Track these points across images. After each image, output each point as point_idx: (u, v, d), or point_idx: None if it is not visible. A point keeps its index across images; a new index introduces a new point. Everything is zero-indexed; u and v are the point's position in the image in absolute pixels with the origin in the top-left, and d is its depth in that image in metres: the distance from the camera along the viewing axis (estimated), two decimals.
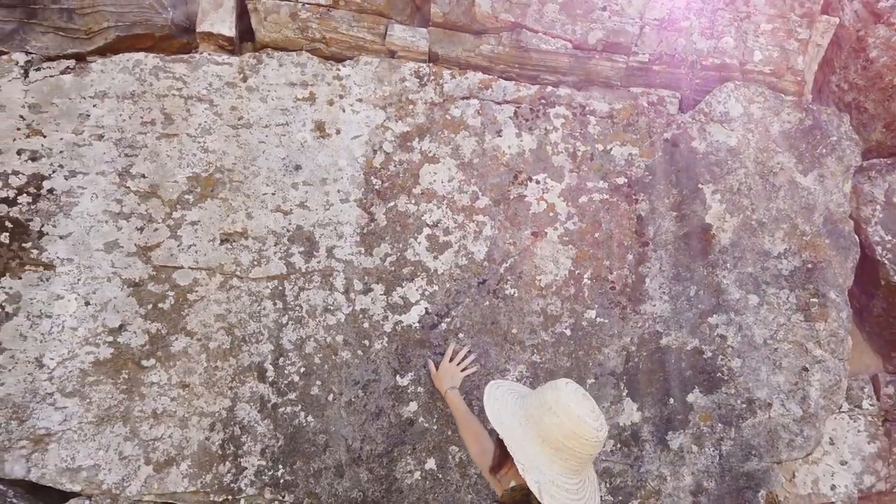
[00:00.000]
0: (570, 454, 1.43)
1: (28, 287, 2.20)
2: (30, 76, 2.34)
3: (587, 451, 1.44)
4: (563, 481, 1.43)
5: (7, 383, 2.13)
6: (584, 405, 1.46)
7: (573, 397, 1.47)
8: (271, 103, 2.39)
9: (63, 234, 2.23)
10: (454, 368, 2.15)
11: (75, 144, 2.30)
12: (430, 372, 2.20)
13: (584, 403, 1.47)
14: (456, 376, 2.14)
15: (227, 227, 2.29)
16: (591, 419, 1.44)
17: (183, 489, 2.13)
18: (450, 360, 2.18)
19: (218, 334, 2.23)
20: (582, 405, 1.46)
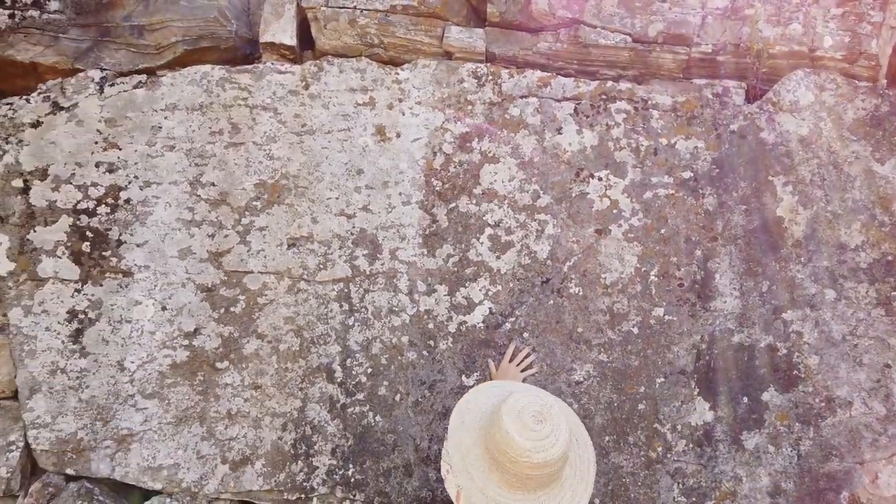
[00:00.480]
0: (506, 469, 1.37)
1: (109, 293, 2.30)
2: (105, 92, 2.45)
3: (521, 471, 1.36)
4: (497, 493, 1.38)
5: (91, 386, 2.24)
6: (518, 421, 1.36)
7: (510, 412, 1.38)
8: (333, 109, 2.43)
9: (140, 242, 2.33)
10: (514, 369, 2.12)
11: (149, 156, 2.39)
12: (490, 372, 2.19)
13: (521, 419, 1.37)
14: (516, 377, 2.10)
15: (293, 232, 2.34)
16: (522, 440, 1.34)
17: (258, 487, 2.18)
18: (510, 360, 2.15)
19: (287, 336, 2.28)
20: (516, 421, 1.36)
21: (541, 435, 1.35)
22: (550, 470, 1.37)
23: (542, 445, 1.34)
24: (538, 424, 1.36)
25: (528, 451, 1.33)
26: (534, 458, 1.34)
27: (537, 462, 1.34)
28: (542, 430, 1.35)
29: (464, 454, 1.44)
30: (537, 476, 1.37)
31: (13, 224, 2.33)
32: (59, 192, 2.35)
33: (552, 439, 1.35)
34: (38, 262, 2.30)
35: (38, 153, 2.38)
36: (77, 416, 2.22)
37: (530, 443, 1.34)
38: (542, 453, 1.34)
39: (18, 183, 2.36)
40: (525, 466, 1.35)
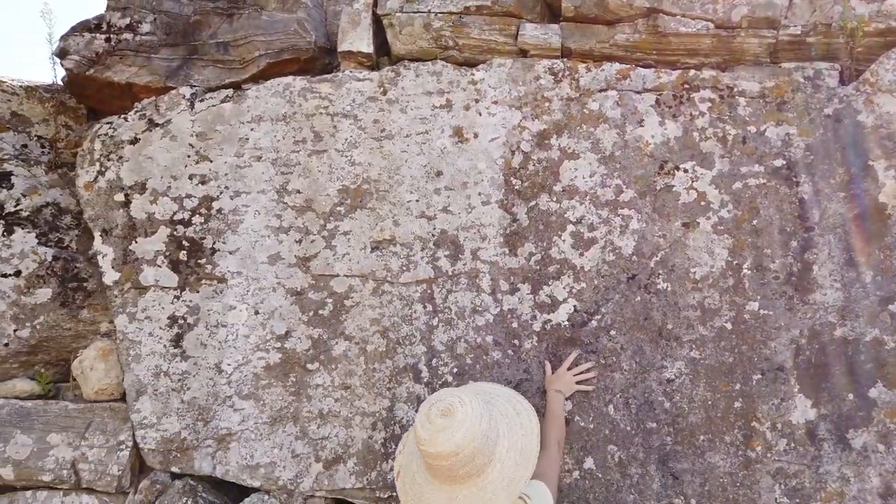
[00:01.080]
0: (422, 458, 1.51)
1: (205, 299, 2.41)
2: (195, 107, 2.57)
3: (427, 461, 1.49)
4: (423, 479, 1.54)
5: (192, 388, 2.35)
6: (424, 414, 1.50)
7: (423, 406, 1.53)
8: (411, 113, 2.46)
9: (232, 249, 2.43)
10: (568, 376, 2.13)
11: (237, 167, 2.49)
12: (546, 373, 2.18)
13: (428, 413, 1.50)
14: (569, 385, 2.12)
15: (376, 235, 2.39)
16: (422, 430, 1.48)
17: (351, 486, 2.24)
18: (567, 367, 2.15)
19: (374, 337, 2.32)
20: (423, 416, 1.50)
21: (437, 428, 1.46)
22: (449, 462, 1.46)
23: (437, 439, 1.45)
24: (440, 418, 1.47)
25: (425, 440, 1.46)
26: (428, 448, 1.45)
27: (432, 452, 1.45)
28: (440, 423, 1.46)
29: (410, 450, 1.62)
30: (441, 467, 1.47)
31: (117, 236, 2.48)
32: (156, 204, 2.48)
33: (447, 433, 1.44)
34: (140, 271, 2.44)
35: (136, 168, 2.52)
36: (180, 416, 2.33)
37: (426, 434, 1.46)
38: (435, 446, 1.44)
39: (120, 197, 2.50)
40: (426, 456, 1.48)
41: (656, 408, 2.15)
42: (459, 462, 1.47)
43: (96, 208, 2.51)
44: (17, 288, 2.52)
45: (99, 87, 2.71)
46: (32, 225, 2.61)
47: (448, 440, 1.45)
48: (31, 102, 2.84)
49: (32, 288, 2.52)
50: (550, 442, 1.89)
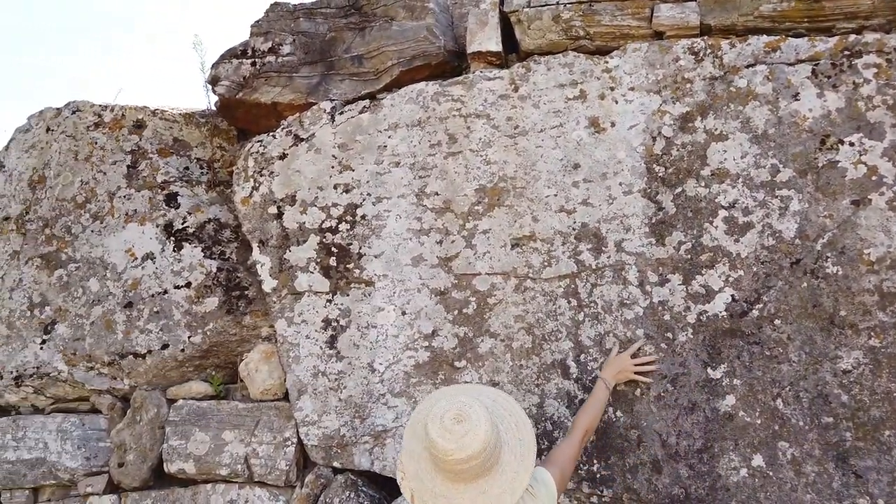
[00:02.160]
0: (443, 468, 1.54)
1: (355, 302, 2.52)
2: (336, 120, 2.70)
3: (451, 467, 1.52)
4: (443, 489, 1.56)
5: (348, 387, 2.46)
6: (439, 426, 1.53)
7: (432, 419, 1.55)
8: (544, 108, 2.44)
9: (377, 253, 2.52)
10: (629, 363, 2.12)
11: (378, 173, 2.59)
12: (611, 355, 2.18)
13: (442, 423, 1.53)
14: (626, 372, 2.11)
15: (515, 233, 2.39)
16: (442, 440, 1.51)
17: None
18: (631, 355, 2.15)
19: (519, 334, 2.33)
20: (437, 426, 1.53)
21: (459, 434, 1.51)
22: (479, 461, 1.52)
23: (463, 443, 1.50)
24: (458, 425, 1.53)
25: (452, 450, 1.50)
26: (457, 455, 1.50)
27: (462, 458, 1.50)
28: (460, 429, 1.52)
29: (416, 461, 1.62)
30: (469, 468, 1.52)
31: (272, 246, 2.65)
32: (306, 214, 2.63)
33: (471, 436, 1.51)
34: (294, 277, 2.59)
35: (286, 182, 2.68)
36: (338, 414, 2.45)
37: (452, 443, 1.50)
38: (464, 450, 1.50)
39: (273, 210, 2.68)
40: (453, 464, 1.51)
41: (832, 401, 1.99)
42: (485, 456, 1.54)
43: (253, 221, 2.70)
44: (189, 298, 2.76)
45: (247, 109, 2.91)
46: (198, 240, 2.85)
47: (474, 441, 1.52)
48: (189, 128, 3.11)
49: (201, 297, 2.75)
50: (577, 427, 1.94)
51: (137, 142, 3.06)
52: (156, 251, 2.85)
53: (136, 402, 2.72)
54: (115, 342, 2.76)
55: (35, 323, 2.89)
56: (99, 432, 2.76)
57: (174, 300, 2.76)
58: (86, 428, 2.76)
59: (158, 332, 2.74)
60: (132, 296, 2.80)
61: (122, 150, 3.06)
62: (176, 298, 2.77)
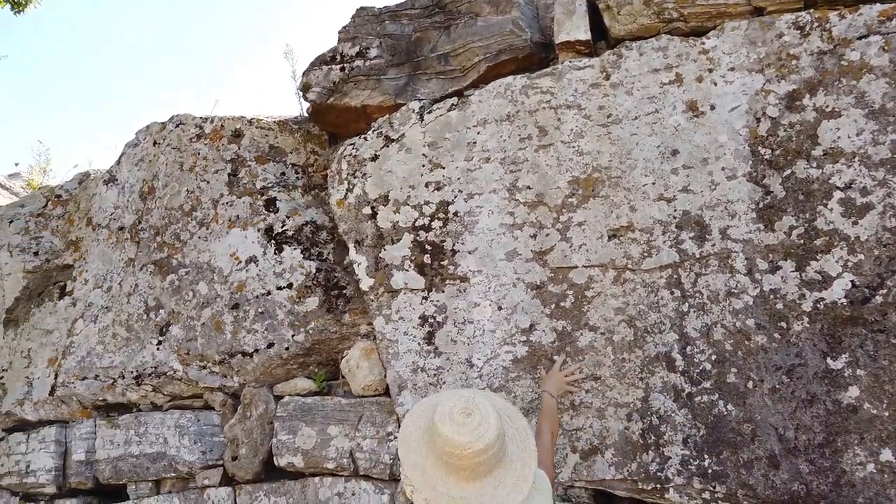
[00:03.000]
0: (456, 466, 1.50)
1: (451, 298, 2.54)
2: (424, 119, 2.73)
3: (469, 463, 1.50)
4: (458, 490, 1.52)
5: (447, 381, 2.49)
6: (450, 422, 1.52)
7: (441, 417, 1.53)
8: (637, 94, 2.39)
9: (471, 249, 2.54)
10: (560, 377, 2.21)
11: (468, 170, 2.60)
12: (541, 374, 2.32)
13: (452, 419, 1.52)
14: (559, 385, 2.19)
15: (612, 223, 2.35)
16: (458, 435, 1.49)
17: (611, 476, 2.21)
18: (559, 369, 2.25)
19: (620, 327, 2.28)
20: (448, 422, 1.52)
21: (473, 426, 1.51)
22: (493, 451, 1.52)
23: (478, 433, 1.50)
24: (468, 418, 1.53)
25: (470, 442, 1.49)
26: (475, 446, 1.49)
27: (480, 448, 1.49)
28: (472, 421, 1.52)
29: (421, 471, 1.57)
30: (485, 460, 1.51)
31: (368, 245, 2.72)
32: (399, 213, 2.68)
33: (484, 425, 1.51)
34: (391, 276, 2.64)
35: (379, 182, 2.74)
36: None
37: (468, 435, 1.50)
38: (481, 440, 1.49)
39: (367, 210, 2.74)
40: (471, 457, 1.49)
41: None
42: (499, 446, 1.55)
43: (348, 222, 2.77)
44: (291, 298, 2.86)
45: (338, 113, 2.99)
46: (297, 242, 2.96)
47: (489, 430, 1.53)
48: (284, 135, 3.23)
49: (303, 298, 2.85)
50: (544, 432, 2.00)
51: (236, 150, 3.21)
52: (258, 254, 2.98)
53: (245, 399, 2.86)
54: (224, 342, 2.91)
55: (151, 325, 3.08)
56: (213, 427, 2.91)
57: (277, 301, 2.88)
58: (201, 423, 2.92)
59: (264, 332, 2.86)
60: (238, 297, 2.94)
61: (222, 158, 3.21)
62: (279, 299, 2.88)
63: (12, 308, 3.52)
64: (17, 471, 3.19)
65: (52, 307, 3.39)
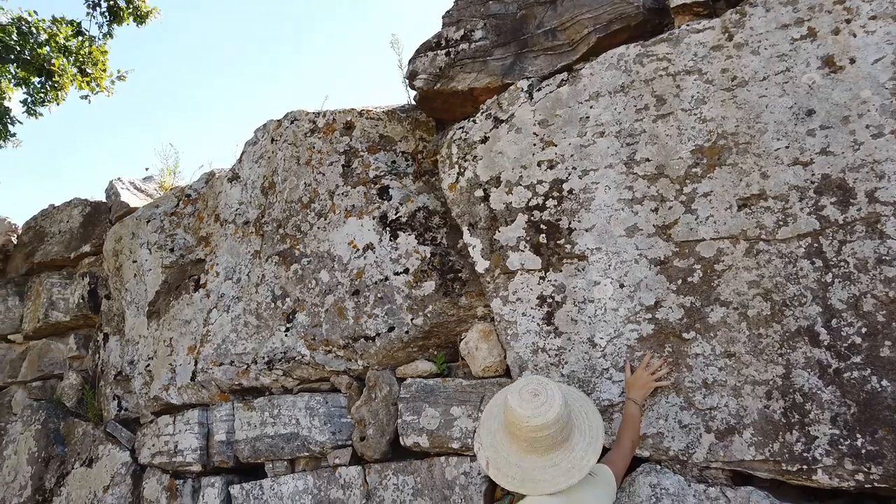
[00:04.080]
0: (519, 437, 1.75)
1: (569, 277, 2.50)
2: (534, 97, 2.69)
3: (527, 434, 1.73)
4: (517, 458, 1.76)
5: (569, 362, 2.46)
6: (518, 396, 1.78)
7: (512, 390, 1.81)
8: (765, 53, 2.24)
9: (587, 227, 2.48)
10: (645, 377, 2.23)
11: (582, 146, 2.54)
12: (626, 375, 2.30)
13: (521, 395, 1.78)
14: (646, 386, 2.22)
15: (741, 192, 2.22)
16: (521, 409, 1.74)
17: (750, 457, 2.11)
18: (644, 368, 2.26)
19: (755, 301, 2.17)
20: (516, 396, 1.78)
21: (536, 404, 1.74)
22: (551, 431, 1.72)
23: (538, 412, 1.72)
24: (534, 398, 1.76)
25: (528, 416, 1.72)
26: (532, 422, 1.71)
27: (538, 425, 1.71)
28: (536, 401, 1.75)
29: (492, 435, 1.86)
30: (543, 437, 1.72)
31: (482, 228, 2.72)
32: (512, 194, 2.66)
33: (546, 406, 1.73)
34: (506, 257, 2.64)
35: (490, 164, 2.74)
36: None
37: (529, 410, 1.73)
38: (538, 418, 1.71)
39: (479, 193, 2.75)
40: (528, 430, 1.72)
41: None
42: (557, 428, 1.74)
43: (461, 206, 2.79)
44: (408, 283, 2.93)
45: (445, 98, 3.01)
46: (411, 228, 3.01)
47: (549, 410, 1.73)
48: (392, 123, 3.29)
49: (419, 282, 2.91)
50: (624, 439, 2.11)
51: (348, 142, 3.30)
52: (374, 242, 3.06)
53: (370, 382, 2.96)
54: (347, 327, 3.02)
55: (279, 313, 3.25)
56: (340, 409, 3.04)
57: (395, 286, 2.95)
58: (329, 405, 3.05)
59: (384, 316, 2.94)
60: (358, 284, 3.04)
61: (336, 151, 3.32)
62: (396, 284, 2.95)
63: (154, 301, 3.83)
64: (167, 450, 3.48)
65: (188, 299, 3.65)
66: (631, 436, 2.13)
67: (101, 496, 3.61)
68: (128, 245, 4.05)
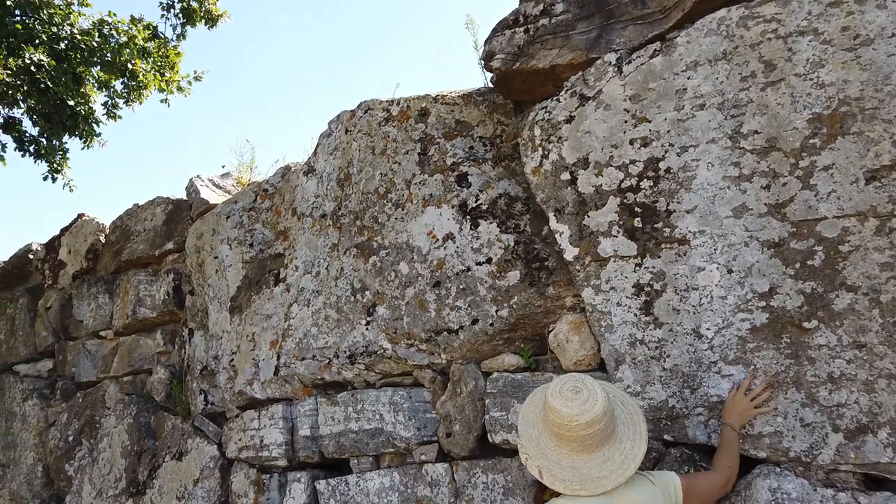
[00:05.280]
0: (566, 437, 1.69)
1: (669, 263, 2.32)
2: (623, 71, 2.50)
3: (577, 433, 1.67)
4: (570, 460, 1.68)
5: (672, 355, 2.28)
6: (560, 396, 1.71)
7: (552, 392, 1.74)
8: (892, 6, 1.98)
9: (688, 208, 2.29)
10: (745, 403, 2.05)
11: (679, 120, 2.34)
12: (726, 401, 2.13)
13: (562, 394, 1.71)
14: (745, 413, 2.05)
15: (869, 164, 1.98)
16: (565, 408, 1.68)
17: (888, 460, 1.89)
18: (744, 392, 2.07)
19: (888, 285, 1.93)
20: (558, 397, 1.71)
21: (580, 401, 1.68)
22: (600, 426, 1.68)
23: (585, 408, 1.67)
24: (577, 394, 1.71)
25: (577, 415, 1.66)
26: (581, 419, 1.66)
27: (586, 422, 1.66)
28: (580, 397, 1.69)
29: (536, 442, 1.77)
30: (592, 434, 1.67)
31: (569, 213, 2.57)
32: (602, 176, 2.49)
33: (591, 402, 1.68)
34: (597, 243, 2.48)
35: (576, 145, 2.57)
36: (664, 384, 2.29)
37: (575, 408, 1.67)
38: (587, 414, 1.66)
39: (566, 176, 2.59)
40: (578, 429, 1.66)
41: None
42: (606, 422, 1.69)
43: (546, 190, 2.64)
44: (491, 273, 2.80)
45: (524, 78, 2.85)
46: (492, 216, 2.88)
47: (595, 406, 1.68)
48: (469, 108, 3.16)
49: (503, 272, 2.78)
50: (722, 466, 1.99)
51: (424, 129, 3.20)
52: (454, 231, 2.95)
53: (454, 376, 2.86)
54: (429, 320, 2.93)
55: (359, 307, 3.19)
56: (424, 404, 2.96)
57: (478, 276, 2.84)
58: (413, 400, 2.98)
59: (467, 308, 2.83)
60: (439, 275, 2.95)
61: (411, 139, 3.23)
62: (479, 275, 2.84)
63: (235, 296, 3.86)
64: (253, 445, 3.50)
65: (269, 294, 3.65)
66: (729, 462, 2.01)
67: (192, 489, 3.68)
68: (208, 241, 4.10)
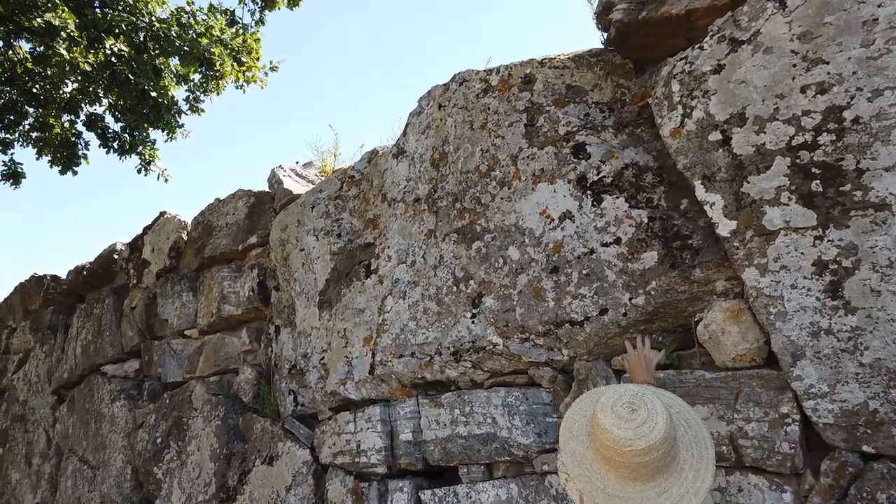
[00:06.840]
0: (618, 464, 1.42)
1: (861, 234, 1.87)
2: (787, 5, 2.07)
3: (630, 460, 1.41)
4: (617, 489, 1.43)
5: (871, 347, 1.84)
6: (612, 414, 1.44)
7: (603, 407, 1.47)
8: None
9: (887, 165, 1.84)
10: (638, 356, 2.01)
11: (868, 58, 1.90)
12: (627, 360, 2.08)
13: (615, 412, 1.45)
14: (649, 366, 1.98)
15: None
16: (618, 430, 1.42)
17: None
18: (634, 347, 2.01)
19: None
20: (610, 414, 1.45)
21: (637, 422, 1.42)
22: (658, 454, 1.40)
23: (642, 431, 1.40)
24: (632, 414, 1.44)
25: (630, 440, 1.40)
26: (637, 445, 1.39)
27: (642, 448, 1.39)
28: (637, 417, 1.43)
29: (579, 461, 1.52)
30: (648, 462, 1.40)
31: (722, 180, 2.15)
32: (764, 133, 2.07)
33: (650, 424, 1.41)
34: (761, 214, 2.05)
35: (728, 99, 2.15)
36: (862, 383, 1.85)
37: (630, 431, 1.41)
38: (644, 439, 1.39)
39: (716, 136, 2.17)
40: (631, 455, 1.40)
41: None
42: (666, 449, 1.42)
43: (690, 155, 2.23)
44: (621, 255, 2.42)
45: (649, 30, 2.45)
46: (618, 189, 2.50)
47: (654, 430, 1.41)
48: (581, 71, 2.78)
49: (636, 253, 2.39)
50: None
51: (529, 97, 2.84)
52: (573, 209, 2.58)
53: (579, 374, 2.49)
54: (546, 310, 2.57)
55: (462, 297, 2.87)
56: (544, 407, 2.60)
57: (604, 259, 2.45)
58: (530, 402, 2.62)
59: (593, 297, 2.45)
60: (556, 260, 2.58)
61: (515, 109, 2.87)
62: (605, 257, 2.45)
63: (324, 290, 3.60)
64: (349, 450, 3.23)
65: (360, 286, 3.38)
66: None
67: (284, 496, 3.45)
68: (293, 233, 3.87)
